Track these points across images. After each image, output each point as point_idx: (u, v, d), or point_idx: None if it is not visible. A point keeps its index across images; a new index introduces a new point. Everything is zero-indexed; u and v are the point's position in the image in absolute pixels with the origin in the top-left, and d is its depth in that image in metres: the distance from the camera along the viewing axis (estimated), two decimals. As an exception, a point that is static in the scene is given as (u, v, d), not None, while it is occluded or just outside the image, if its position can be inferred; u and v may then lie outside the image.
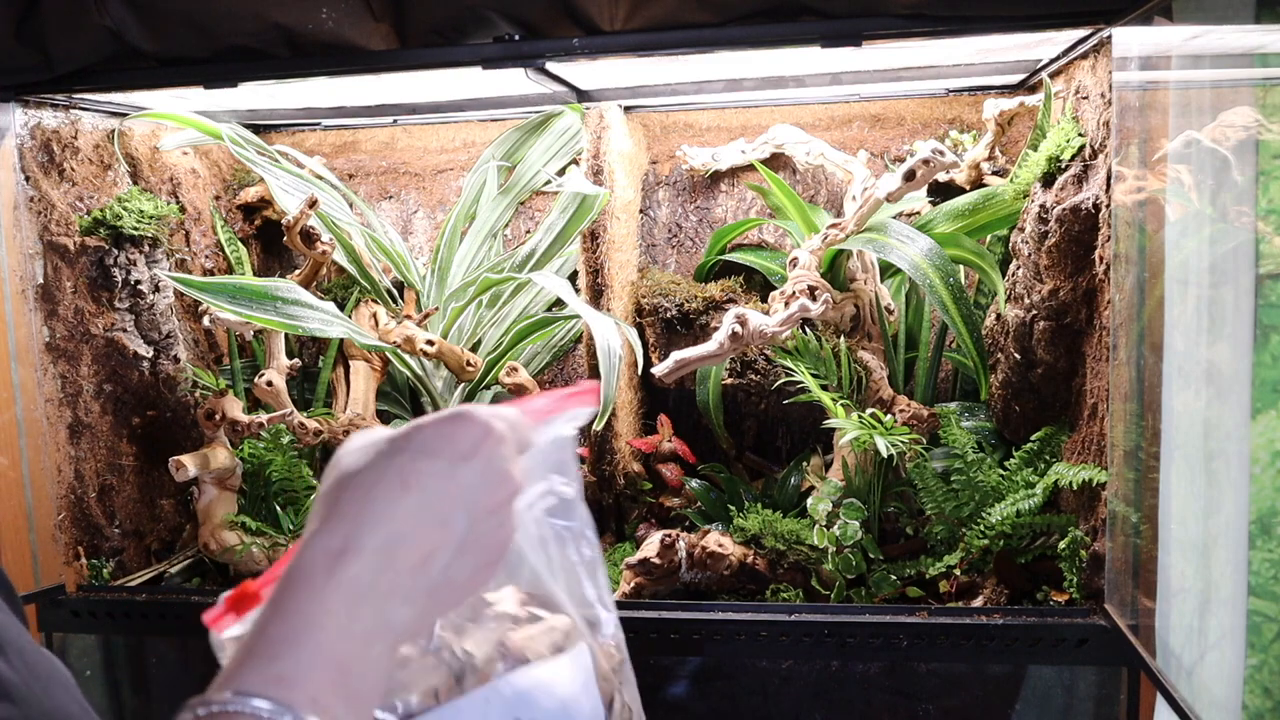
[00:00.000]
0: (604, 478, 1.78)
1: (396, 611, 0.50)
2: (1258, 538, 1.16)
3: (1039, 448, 1.54)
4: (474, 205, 1.94)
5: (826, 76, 1.71)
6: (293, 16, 1.39)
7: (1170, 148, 1.20)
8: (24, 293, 1.62)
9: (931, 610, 1.43)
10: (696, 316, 1.84)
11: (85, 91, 1.60)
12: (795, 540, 1.56)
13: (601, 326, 1.58)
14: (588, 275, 1.74)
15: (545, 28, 1.37)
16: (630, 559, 1.54)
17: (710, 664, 1.53)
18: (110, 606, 1.65)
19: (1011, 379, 1.57)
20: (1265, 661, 1.17)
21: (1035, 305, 1.48)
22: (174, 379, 1.80)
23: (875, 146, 1.93)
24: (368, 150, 2.14)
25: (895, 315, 1.76)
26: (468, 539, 0.53)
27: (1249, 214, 1.12)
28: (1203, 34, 1.15)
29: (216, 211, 2.02)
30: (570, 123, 1.90)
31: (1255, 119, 1.10)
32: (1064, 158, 1.42)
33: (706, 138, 1.99)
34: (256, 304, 1.55)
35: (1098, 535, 1.40)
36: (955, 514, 1.53)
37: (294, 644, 0.47)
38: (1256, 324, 1.12)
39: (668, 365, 1.50)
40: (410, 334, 1.70)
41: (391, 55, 1.42)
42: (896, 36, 1.32)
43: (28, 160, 1.61)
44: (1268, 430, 1.14)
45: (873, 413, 1.53)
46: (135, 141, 1.82)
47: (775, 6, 1.31)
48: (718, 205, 2.02)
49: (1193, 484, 1.21)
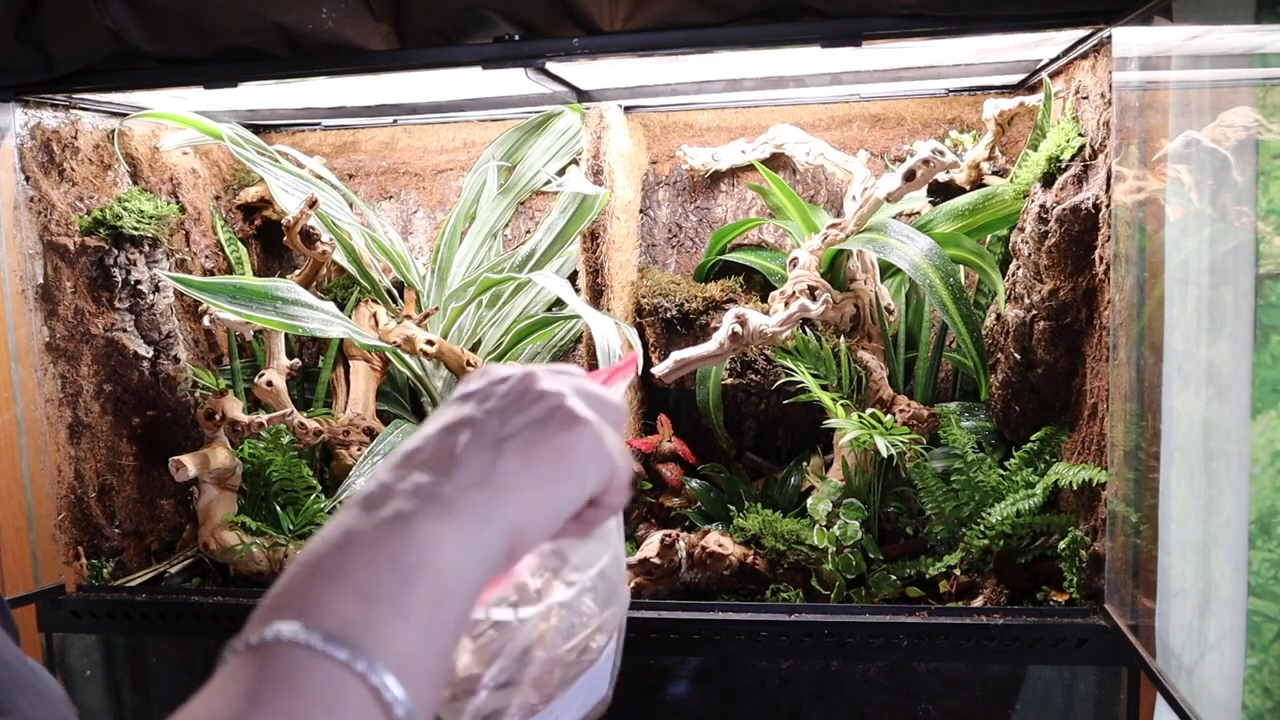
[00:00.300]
0: (604, 478, 1.78)
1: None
2: (1258, 538, 1.16)
3: (1039, 448, 1.54)
4: (474, 205, 1.94)
5: (826, 76, 1.71)
6: (293, 16, 1.39)
7: (1170, 148, 1.20)
8: (24, 293, 1.62)
9: (931, 610, 1.43)
10: (696, 316, 1.84)
11: (85, 91, 1.60)
12: (795, 540, 1.56)
13: (601, 326, 1.58)
14: (588, 275, 1.74)
15: (545, 28, 1.37)
16: (630, 559, 1.54)
17: (710, 664, 1.53)
18: (110, 606, 1.65)
19: (1011, 379, 1.57)
20: (1265, 661, 1.17)
21: (1035, 305, 1.48)
22: (174, 379, 1.80)
23: (875, 146, 1.93)
24: (368, 150, 2.14)
25: (895, 315, 1.76)
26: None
27: (1249, 214, 1.12)
28: (1203, 34, 1.15)
29: (216, 211, 2.02)
30: (570, 123, 1.90)
31: (1255, 119, 1.10)
32: (1064, 158, 1.42)
33: (706, 138, 1.99)
34: (256, 304, 1.55)
35: (1098, 535, 1.40)
36: (955, 514, 1.53)
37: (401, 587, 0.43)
38: (1256, 324, 1.12)
39: (668, 365, 1.50)
40: (410, 334, 1.70)
41: (391, 55, 1.42)
42: (896, 36, 1.32)
43: (28, 160, 1.61)
44: (1268, 430, 1.14)
45: (873, 413, 1.53)
46: (135, 141, 1.82)
47: (775, 6, 1.31)
48: (718, 205, 2.02)
49: (1193, 484, 1.21)
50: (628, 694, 1.51)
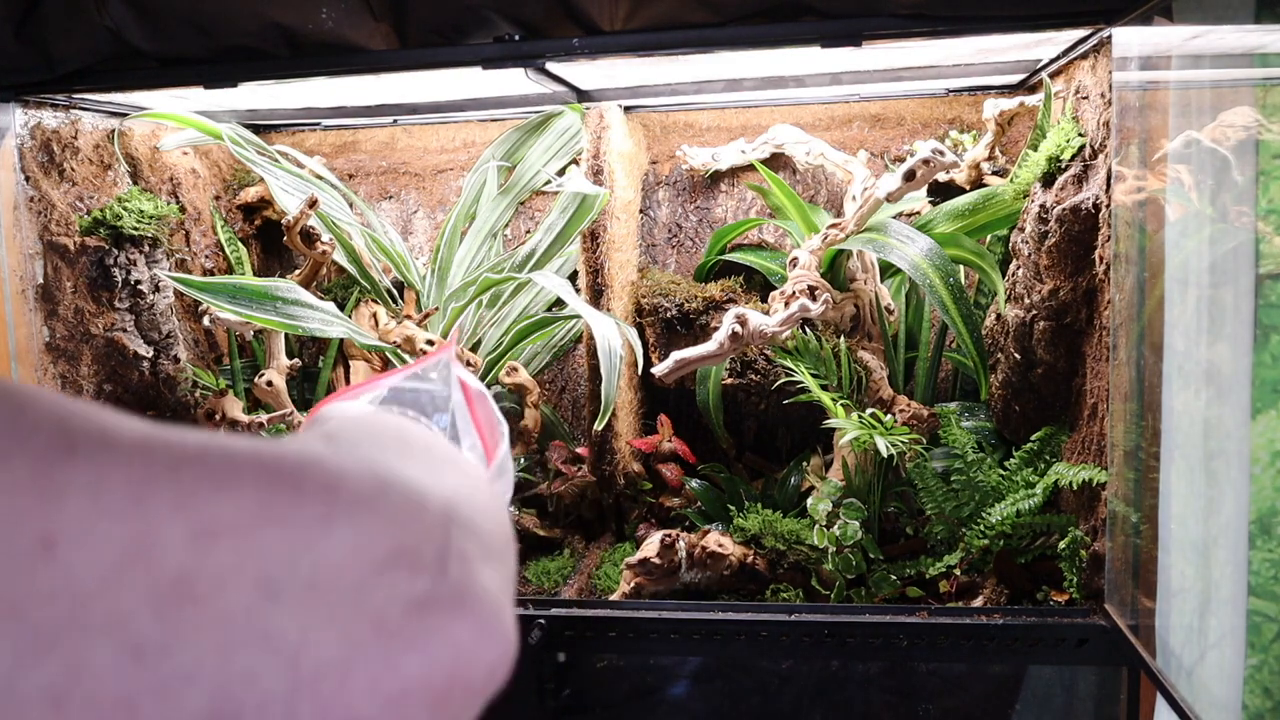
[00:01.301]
0: (604, 478, 1.79)
1: None
2: (1258, 538, 1.16)
3: (1039, 448, 1.54)
4: (474, 205, 1.94)
5: (826, 76, 1.70)
6: (293, 16, 1.39)
7: (1170, 148, 1.20)
8: (24, 293, 1.62)
9: (931, 610, 1.43)
10: (696, 316, 1.84)
11: (85, 91, 1.60)
12: (795, 540, 1.56)
13: (602, 326, 1.58)
14: (588, 275, 1.74)
15: (545, 28, 1.37)
16: (630, 559, 1.54)
17: (710, 664, 1.53)
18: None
19: (1011, 379, 1.57)
20: (1265, 661, 1.17)
21: (1035, 305, 1.48)
22: (174, 379, 1.80)
23: (875, 146, 1.93)
24: (368, 150, 2.14)
25: (895, 315, 1.76)
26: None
27: (1249, 214, 1.12)
28: (1203, 34, 1.15)
29: (216, 211, 2.02)
30: (570, 123, 1.90)
31: (1255, 119, 1.10)
32: (1064, 158, 1.42)
33: (706, 138, 1.99)
34: (256, 304, 1.55)
35: (1098, 535, 1.40)
36: (955, 514, 1.53)
37: None
38: (1256, 324, 1.12)
39: (668, 365, 1.50)
40: (410, 334, 1.70)
41: (391, 55, 1.42)
42: (896, 36, 1.32)
43: (28, 160, 1.61)
44: (1268, 430, 1.14)
45: (873, 413, 1.53)
46: (135, 141, 1.82)
47: (775, 6, 1.31)
48: (718, 205, 2.02)
49: (1193, 484, 1.21)
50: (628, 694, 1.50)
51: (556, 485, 1.81)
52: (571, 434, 2.02)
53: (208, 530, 0.24)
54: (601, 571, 1.69)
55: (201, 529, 0.24)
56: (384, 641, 0.26)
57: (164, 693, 0.23)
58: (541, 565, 1.72)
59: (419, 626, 0.26)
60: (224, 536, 0.24)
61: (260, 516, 0.25)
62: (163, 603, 0.23)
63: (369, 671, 0.25)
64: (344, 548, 0.26)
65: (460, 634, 0.27)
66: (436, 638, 0.27)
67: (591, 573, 1.69)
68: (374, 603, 0.26)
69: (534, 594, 1.63)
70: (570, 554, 1.77)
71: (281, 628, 0.24)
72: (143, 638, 0.23)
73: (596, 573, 1.69)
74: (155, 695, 0.23)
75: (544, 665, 1.49)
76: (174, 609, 0.23)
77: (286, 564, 0.25)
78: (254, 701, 0.24)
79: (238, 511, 0.25)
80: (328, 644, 0.25)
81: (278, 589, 0.25)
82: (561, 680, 1.51)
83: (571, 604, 1.52)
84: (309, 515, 0.26)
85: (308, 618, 0.25)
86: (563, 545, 1.80)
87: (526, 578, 1.70)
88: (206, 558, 0.24)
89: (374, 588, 0.26)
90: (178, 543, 0.24)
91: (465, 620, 0.27)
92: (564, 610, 1.49)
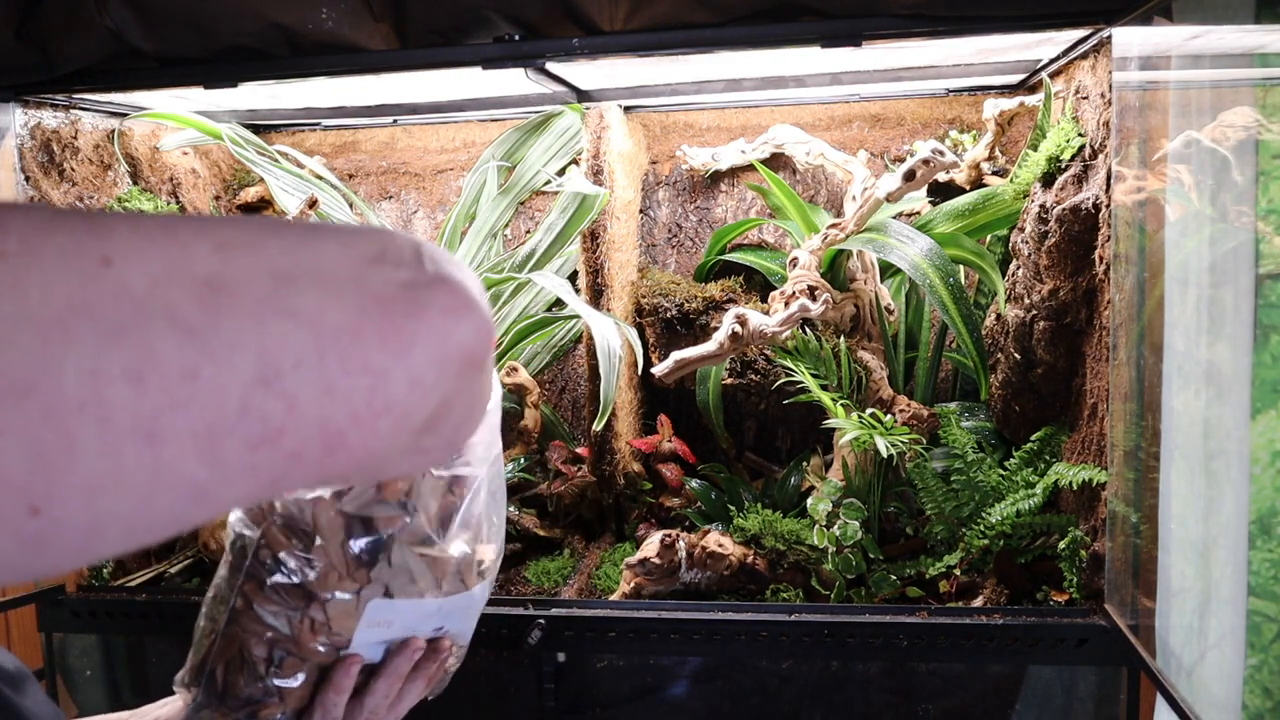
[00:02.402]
0: (604, 478, 1.78)
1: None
2: (1258, 538, 1.16)
3: (1039, 448, 1.54)
4: (474, 205, 1.94)
5: (826, 76, 1.71)
6: (293, 16, 1.39)
7: (1170, 148, 1.20)
8: (24, 293, 1.62)
9: (931, 610, 1.43)
10: (696, 316, 1.84)
11: (85, 91, 1.60)
12: (795, 540, 1.56)
13: (601, 326, 1.58)
14: (588, 275, 1.74)
15: (545, 28, 1.37)
16: (630, 559, 1.54)
17: (710, 664, 1.53)
18: (110, 606, 1.65)
19: (1011, 379, 1.57)
20: (1265, 661, 1.17)
21: (1035, 305, 1.48)
22: (174, 379, 1.80)
23: (875, 146, 1.93)
24: (368, 150, 2.14)
25: (895, 315, 1.76)
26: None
27: (1249, 214, 1.12)
28: (1203, 34, 1.15)
29: (217, 211, 2.02)
30: (570, 123, 1.90)
31: (1255, 119, 1.10)
32: (1064, 158, 1.42)
33: (706, 138, 1.99)
34: (256, 304, 1.55)
35: (1098, 535, 1.40)
36: (955, 514, 1.53)
37: None
38: (1256, 324, 1.13)
39: (668, 365, 1.50)
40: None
41: (391, 55, 1.42)
42: (896, 36, 1.32)
43: (28, 160, 1.61)
44: (1268, 430, 1.14)
45: (873, 413, 1.53)
46: (135, 141, 1.82)
47: (775, 6, 1.31)
48: (718, 205, 2.02)
49: (1193, 484, 1.21)
50: (628, 694, 1.51)
51: (556, 485, 1.81)
52: (571, 434, 2.02)
53: (226, 244, 0.32)
54: (601, 571, 1.69)
55: (222, 242, 0.31)
56: (385, 307, 0.33)
57: (217, 359, 0.30)
58: (541, 565, 1.72)
59: (411, 298, 0.34)
60: (239, 247, 0.32)
61: (264, 232, 0.33)
62: (201, 294, 0.30)
63: (378, 329, 0.33)
64: (335, 249, 0.34)
65: (446, 301, 0.35)
66: (429, 307, 0.34)
67: (591, 573, 1.69)
68: (371, 285, 0.33)
69: (534, 594, 1.63)
70: (570, 554, 1.77)
71: (300, 303, 0.32)
72: (191, 320, 0.30)
73: (596, 573, 1.69)
74: (211, 360, 0.29)
75: (544, 665, 1.49)
76: (211, 298, 0.30)
77: (292, 261, 0.32)
78: (290, 359, 0.31)
79: (246, 231, 0.33)
80: (340, 311, 0.32)
81: (291, 277, 0.32)
82: (561, 680, 1.51)
83: (571, 604, 1.52)
84: (300, 229, 0.34)
85: (319, 296, 0.32)
86: (563, 545, 1.80)
87: (526, 578, 1.70)
88: (229, 262, 0.31)
89: (368, 276, 0.34)
90: (205, 253, 0.31)
91: (448, 295, 0.35)
92: (564, 610, 1.49)
